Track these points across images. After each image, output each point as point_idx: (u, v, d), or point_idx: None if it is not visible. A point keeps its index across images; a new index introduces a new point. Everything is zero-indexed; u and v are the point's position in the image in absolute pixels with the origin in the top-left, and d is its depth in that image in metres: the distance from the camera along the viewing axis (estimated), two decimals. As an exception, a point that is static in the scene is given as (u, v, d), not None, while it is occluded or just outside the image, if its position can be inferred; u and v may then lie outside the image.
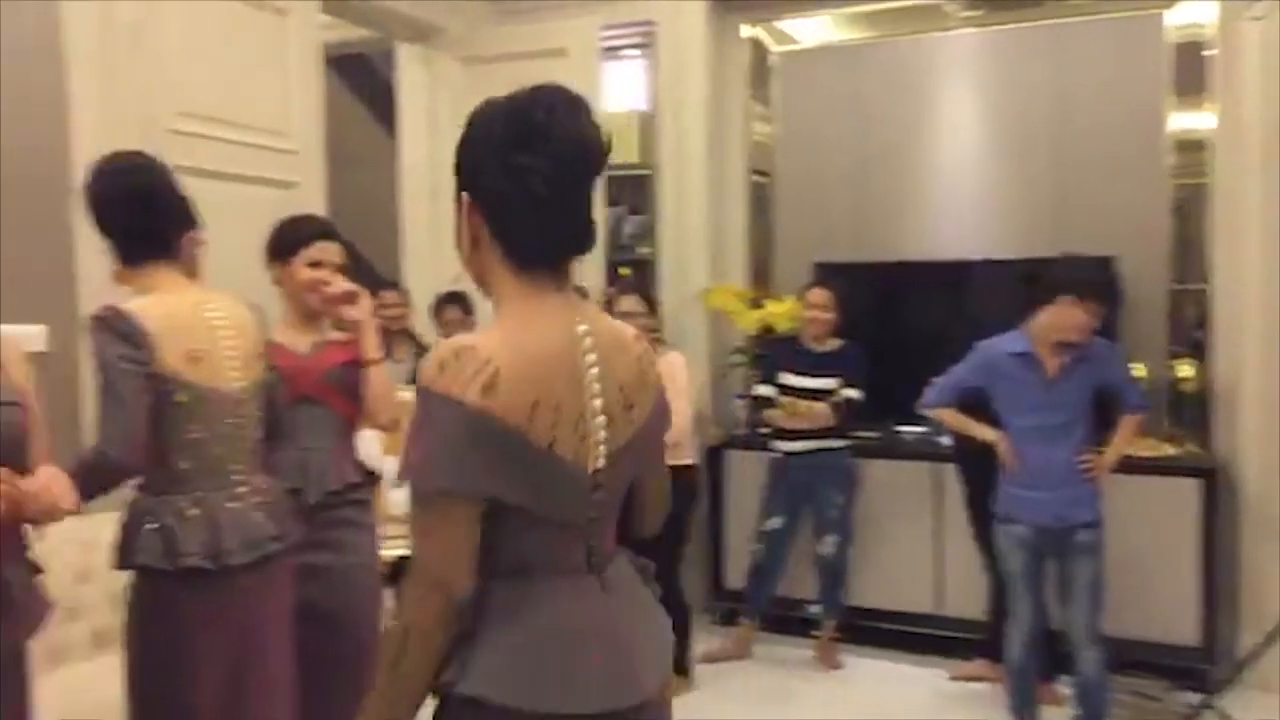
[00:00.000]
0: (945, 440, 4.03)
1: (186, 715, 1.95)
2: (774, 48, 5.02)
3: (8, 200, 2.94)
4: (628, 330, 1.44)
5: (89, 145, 3.16)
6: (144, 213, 2.06)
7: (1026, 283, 3.23)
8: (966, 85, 4.64)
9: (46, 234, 3.07)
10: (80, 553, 2.68)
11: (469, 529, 1.25)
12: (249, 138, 3.75)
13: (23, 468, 1.65)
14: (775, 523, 4.11)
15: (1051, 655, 3.26)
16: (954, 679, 3.94)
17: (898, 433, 4.42)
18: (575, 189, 1.31)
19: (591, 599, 1.34)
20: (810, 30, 5.03)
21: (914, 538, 4.09)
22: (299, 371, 2.40)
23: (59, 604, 2.47)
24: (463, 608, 1.26)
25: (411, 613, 1.26)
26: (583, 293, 1.57)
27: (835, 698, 3.82)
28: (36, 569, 1.77)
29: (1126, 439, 3.22)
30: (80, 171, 3.09)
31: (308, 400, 2.40)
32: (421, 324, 4.58)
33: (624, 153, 5.09)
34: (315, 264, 2.47)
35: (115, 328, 1.94)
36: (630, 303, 3.76)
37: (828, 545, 4.08)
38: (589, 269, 4.30)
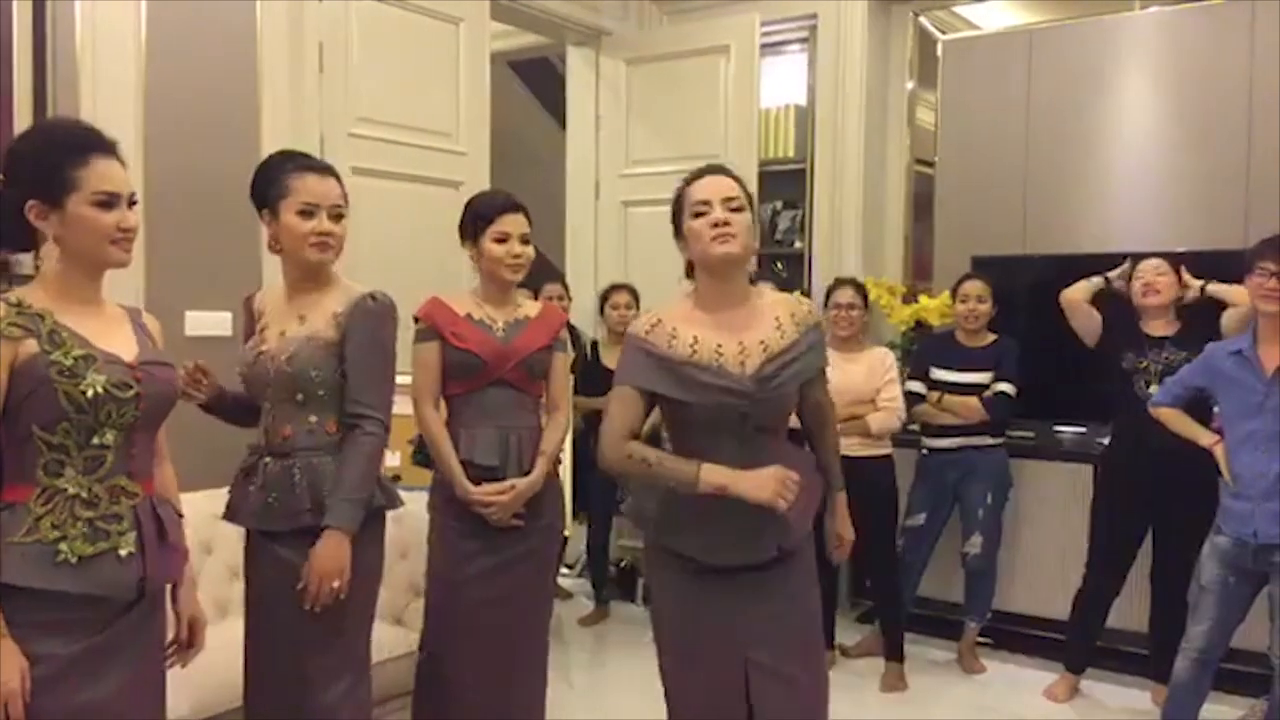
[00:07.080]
0: (1105, 442, 3.81)
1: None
2: (941, 36, 4.90)
3: (204, 201, 3.33)
4: None
5: (276, 149, 3.57)
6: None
7: None
8: (1146, 69, 4.36)
9: (237, 231, 3.46)
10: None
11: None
12: (420, 140, 4.08)
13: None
14: (917, 519, 4.03)
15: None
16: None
17: (1057, 433, 4.23)
18: None
19: None
20: (981, 16, 4.88)
21: (1068, 542, 3.91)
22: (498, 356, 2.56)
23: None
24: None
25: None
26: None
27: (973, 702, 3.72)
28: (179, 513, 1.94)
29: None
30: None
31: (504, 383, 2.57)
32: (580, 315, 4.77)
33: (780, 147, 5.13)
34: (503, 237, 2.59)
35: None
36: (846, 295, 3.94)
37: (973, 545, 3.97)
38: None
